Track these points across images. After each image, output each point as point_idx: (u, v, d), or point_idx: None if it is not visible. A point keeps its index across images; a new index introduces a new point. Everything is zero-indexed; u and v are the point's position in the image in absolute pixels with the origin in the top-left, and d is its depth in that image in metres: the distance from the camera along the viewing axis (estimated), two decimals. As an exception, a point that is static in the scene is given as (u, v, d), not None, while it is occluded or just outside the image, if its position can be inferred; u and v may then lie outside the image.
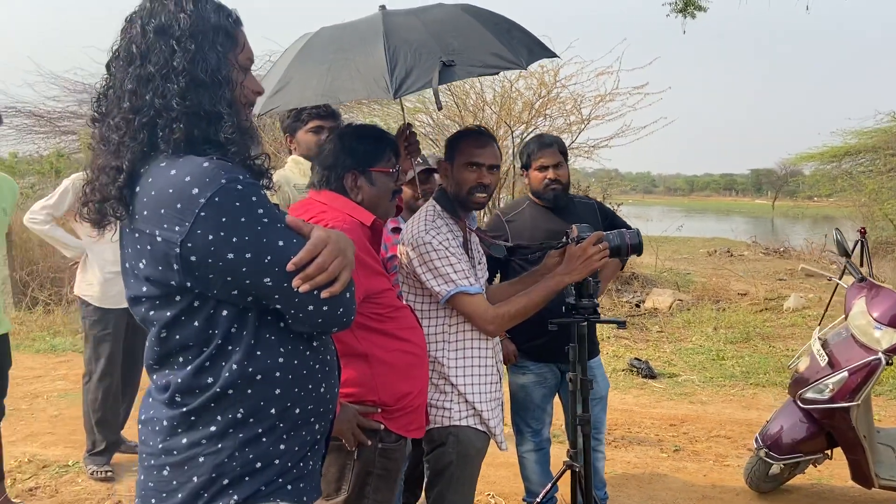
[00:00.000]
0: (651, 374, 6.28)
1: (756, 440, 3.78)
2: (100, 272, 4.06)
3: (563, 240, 2.54)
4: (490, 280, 3.15)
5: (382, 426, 2.16)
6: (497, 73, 3.25)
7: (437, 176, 3.28)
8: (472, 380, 2.45)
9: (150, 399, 1.46)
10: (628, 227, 2.82)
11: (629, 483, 4.13)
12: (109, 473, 4.03)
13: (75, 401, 5.43)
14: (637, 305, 9.23)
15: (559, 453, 3.25)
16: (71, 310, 8.18)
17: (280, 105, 2.42)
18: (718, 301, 9.46)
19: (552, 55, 2.72)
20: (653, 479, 4.19)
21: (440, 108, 2.29)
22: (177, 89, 1.34)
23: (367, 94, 2.31)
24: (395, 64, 2.25)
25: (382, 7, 2.56)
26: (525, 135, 8.70)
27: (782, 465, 3.73)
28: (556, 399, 3.38)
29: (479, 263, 2.63)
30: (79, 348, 7.09)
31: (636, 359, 6.55)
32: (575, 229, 2.50)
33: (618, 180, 14.94)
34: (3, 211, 3.44)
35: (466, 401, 2.44)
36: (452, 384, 2.44)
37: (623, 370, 6.44)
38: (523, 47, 2.51)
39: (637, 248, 2.55)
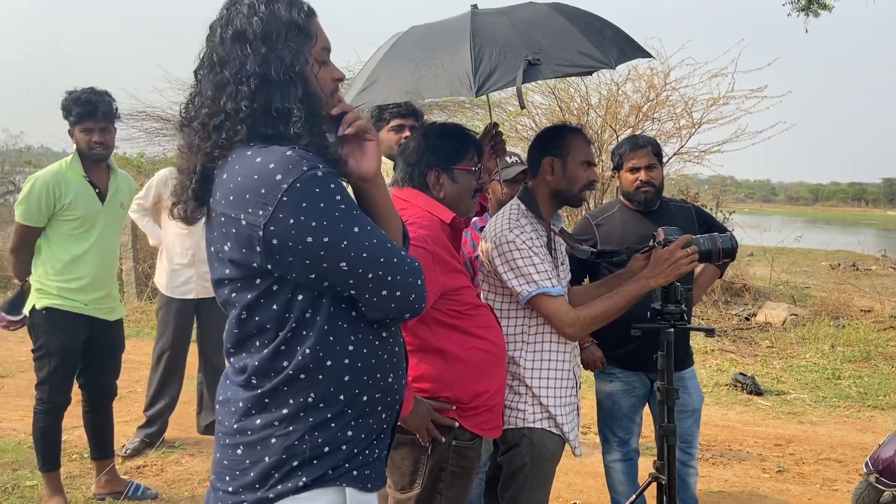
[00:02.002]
0: (757, 391, 5.96)
1: (866, 464, 3.51)
2: (168, 263, 4.48)
3: (650, 243, 2.46)
4: (579, 283, 3.09)
5: (457, 423, 2.16)
6: (588, 73, 3.19)
7: None
8: (547, 383, 2.41)
9: (228, 381, 1.53)
10: (723, 232, 2.70)
11: (725, 502, 3.94)
12: (128, 451, 4.35)
13: (186, 386, 5.74)
14: (747, 318, 8.79)
15: (649, 465, 3.14)
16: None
17: (367, 102, 2.47)
18: (838, 317, 8.85)
19: (646, 55, 2.65)
20: (751, 500, 3.97)
21: (522, 108, 2.29)
22: (247, 92, 1.41)
23: (450, 92, 2.32)
24: (480, 62, 2.26)
25: (474, 6, 2.57)
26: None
27: (895, 493, 3.44)
28: (648, 410, 3.27)
29: (562, 265, 2.58)
30: (193, 337, 7.51)
31: (741, 373, 6.24)
32: (661, 232, 2.41)
33: (733, 187, 14.29)
34: (121, 205, 3.69)
35: (541, 403, 2.40)
36: (527, 386, 2.40)
37: (727, 385, 6.15)
38: (614, 47, 2.45)
39: (730, 253, 2.43)
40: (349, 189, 1.49)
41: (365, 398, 1.48)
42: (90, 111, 3.40)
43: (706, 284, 3.49)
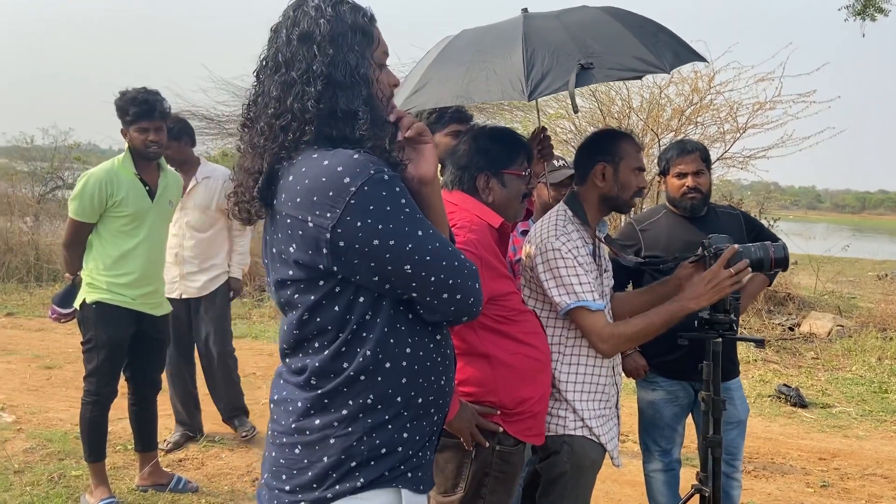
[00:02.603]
0: (801, 403, 5.83)
1: (918, 484, 3.41)
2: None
3: (699, 251, 2.41)
4: (622, 289, 3.05)
5: (501, 428, 2.15)
6: (639, 78, 3.15)
7: None
8: (582, 395, 2.37)
9: (282, 381, 1.54)
10: (775, 240, 2.64)
11: (768, 516, 3.86)
12: (169, 444, 4.42)
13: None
14: (791, 329, 8.60)
15: (690, 476, 3.10)
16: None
17: (417, 105, 2.46)
18: (885, 329, 8.61)
19: (701, 59, 2.61)
20: (795, 515, 3.88)
21: (576, 112, 2.26)
22: (314, 92, 1.41)
23: (502, 95, 2.31)
24: (532, 66, 2.24)
25: (524, 10, 2.55)
26: (674, 143, 8.37)
27: (949, 515, 3.33)
28: (691, 420, 3.21)
29: (605, 272, 2.54)
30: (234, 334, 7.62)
31: (785, 385, 6.10)
32: (710, 241, 2.36)
33: (777, 194, 14.02)
34: (170, 202, 3.76)
35: (575, 412, 2.37)
36: (563, 397, 2.37)
37: (770, 396, 6.03)
38: (668, 51, 2.42)
39: (782, 263, 2.38)
40: None
41: (420, 400, 1.49)
42: (147, 111, 3.47)
43: (754, 293, 3.42)
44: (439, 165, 2.92)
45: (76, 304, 3.58)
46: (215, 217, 4.46)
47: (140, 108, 3.46)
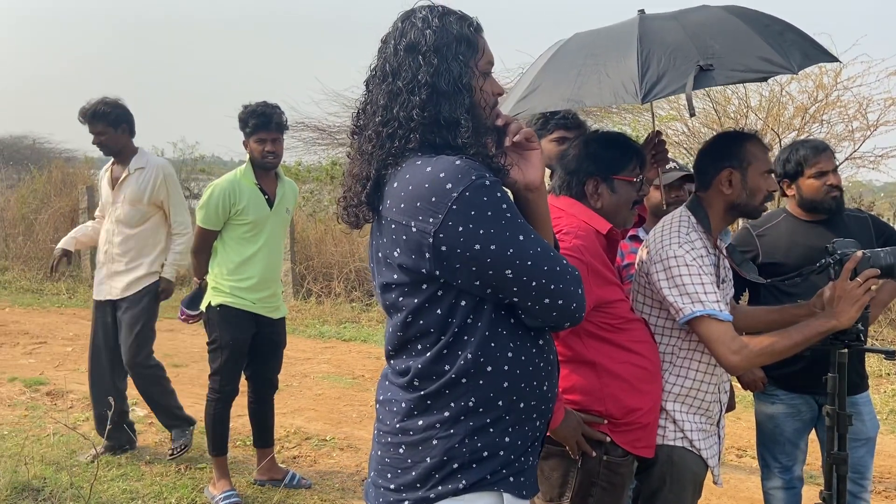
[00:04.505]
0: (941, 421, 5.38)
1: None
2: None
3: (825, 259, 2.26)
4: (736, 298, 2.92)
5: (608, 438, 2.11)
6: (765, 79, 3.00)
7: (691, 185, 3.08)
8: (682, 408, 2.27)
9: (387, 382, 1.59)
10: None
11: (902, 542, 3.58)
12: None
13: (336, 383, 6.04)
14: (928, 340, 7.95)
15: (813, 495, 2.92)
16: (338, 301, 9.08)
17: (527, 109, 2.45)
18: None
19: (832, 59, 2.46)
20: (934, 543, 3.58)
21: (692, 115, 2.18)
22: (418, 101, 1.45)
23: (614, 99, 2.27)
24: (647, 68, 2.18)
25: (641, 11, 2.50)
26: (797, 143, 7.95)
27: None
28: (815, 435, 3.04)
29: (724, 281, 2.42)
30: (342, 336, 7.87)
31: (922, 401, 5.65)
32: (834, 246, 2.22)
33: (913, 195, 13.05)
34: (287, 210, 3.94)
35: (675, 423, 2.28)
36: (663, 406, 2.27)
37: (904, 412, 5.60)
38: (797, 51, 2.29)
39: (915, 269, 2.21)
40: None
41: (522, 405, 1.50)
42: (265, 123, 3.67)
43: (885, 302, 3.18)
44: (547, 171, 2.91)
45: (202, 307, 3.81)
46: (147, 212, 4.15)
47: (259, 120, 3.65)
